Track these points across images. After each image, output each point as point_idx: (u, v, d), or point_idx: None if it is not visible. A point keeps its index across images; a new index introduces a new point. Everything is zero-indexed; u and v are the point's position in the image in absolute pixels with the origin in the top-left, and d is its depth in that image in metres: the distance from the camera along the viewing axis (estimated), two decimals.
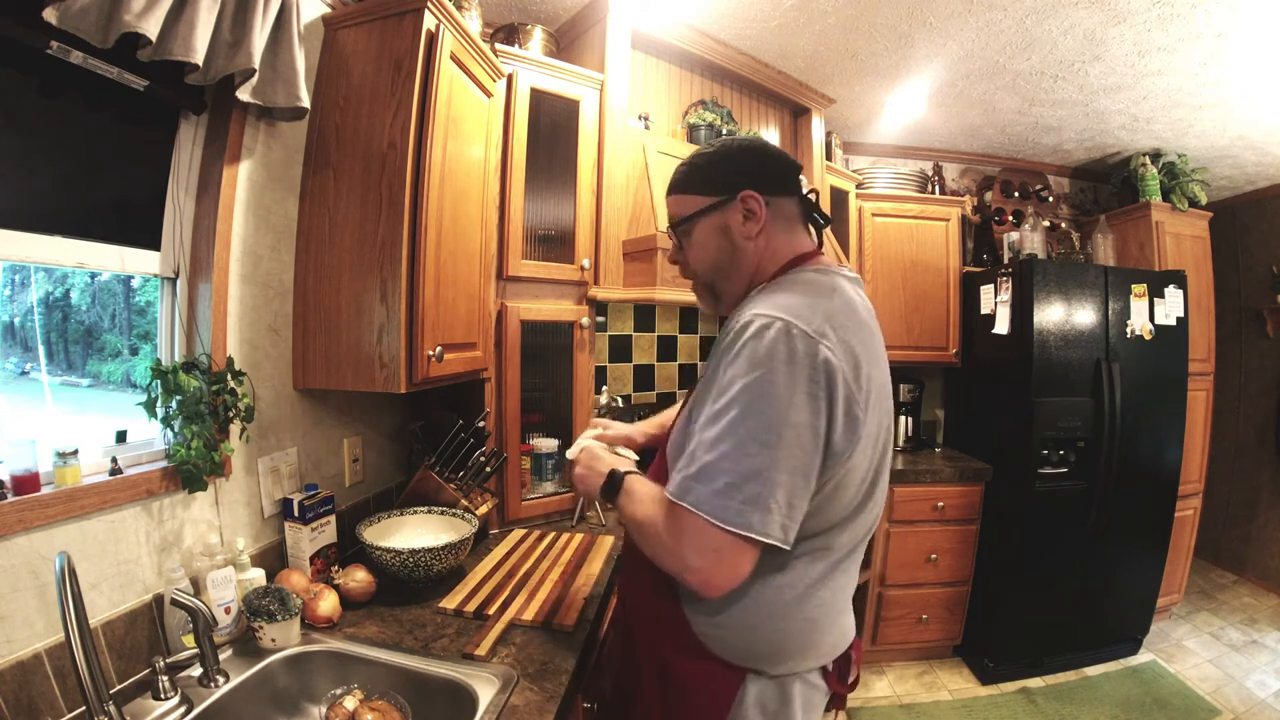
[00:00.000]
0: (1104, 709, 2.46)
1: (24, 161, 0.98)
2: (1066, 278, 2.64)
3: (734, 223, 0.98)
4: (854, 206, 2.97)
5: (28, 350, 1.08)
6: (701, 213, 1.00)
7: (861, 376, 0.85)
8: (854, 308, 0.92)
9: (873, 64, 2.44)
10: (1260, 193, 3.68)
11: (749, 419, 0.79)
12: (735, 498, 0.77)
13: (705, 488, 0.79)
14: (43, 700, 0.87)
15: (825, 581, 0.91)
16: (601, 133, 1.97)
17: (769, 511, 0.78)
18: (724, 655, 0.91)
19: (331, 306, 1.40)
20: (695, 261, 1.03)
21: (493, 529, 1.83)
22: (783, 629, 0.90)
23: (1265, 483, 3.68)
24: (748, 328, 0.83)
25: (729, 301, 1.03)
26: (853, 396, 0.83)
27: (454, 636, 1.22)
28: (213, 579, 1.10)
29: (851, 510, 0.90)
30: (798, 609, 0.89)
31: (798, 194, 1.02)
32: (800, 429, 0.79)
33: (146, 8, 0.92)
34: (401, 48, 1.35)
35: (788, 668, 0.92)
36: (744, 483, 0.78)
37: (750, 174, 0.99)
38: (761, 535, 0.78)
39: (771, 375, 0.79)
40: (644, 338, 2.59)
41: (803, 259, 1.00)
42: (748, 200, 0.97)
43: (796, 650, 0.92)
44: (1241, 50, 2.19)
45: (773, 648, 0.91)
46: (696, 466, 0.81)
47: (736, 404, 0.80)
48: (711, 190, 0.99)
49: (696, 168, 1.02)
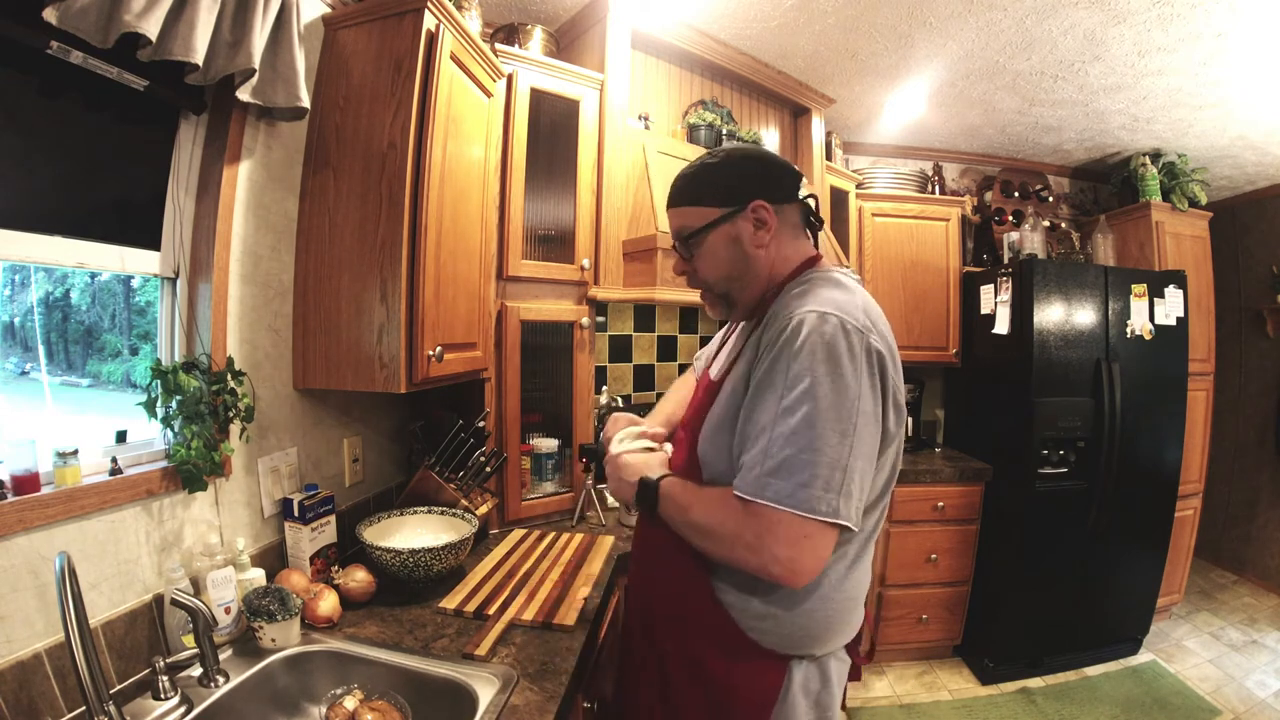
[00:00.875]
0: (1104, 709, 2.46)
1: (24, 161, 0.98)
2: (1066, 278, 2.64)
3: (745, 233, 0.99)
4: (854, 206, 2.97)
5: (28, 350, 1.08)
6: (713, 224, 1.00)
7: (898, 365, 0.91)
8: (873, 303, 0.96)
9: (873, 64, 2.44)
10: (1260, 193, 3.68)
11: (827, 411, 0.80)
12: (821, 487, 0.79)
13: (787, 482, 0.80)
14: (43, 700, 0.87)
15: (860, 560, 0.96)
16: (601, 133, 1.98)
17: (850, 497, 0.81)
18: (774, 646, 0.93)
19: (331, 306, 1.40)
20: (707, 272, 1.03)
21: (493, 529, 1.83)
22: (832, 610, 0.93)
23: (1265, 483, 3.68)
24: (803, 324, 0.84)
25: (744, 309, 1.05)
26: (898, 385, 0.89)
27: (454, 636, 1.22)
28: (213, 579, 1.10)
29: (881, 491, 0.94)
30: (841, 589, 0.94)
31: (799, 200, 1.03)
32: (868, 417, 0.83)
33: (146, 8, 0.92)
34: (401, 48, 1.35)
35: (832, 646, 0.96)
36: (830, 473, 0.80)
37: (759, 182, 1.00)
38: (846, 520, 0.81)
39: (839, 368, 0.82)
40: (644, 338, 2.60)
41: (812, 262, 1.03)
42: (759, 210, 0.98)
43: (841, 628, 0.96)
44: (1241, 50, 2.19)
45: (823, 629, 0.94)
46: (775, 461, 0.82)
47: (810, 398, 0.81)
48: (720, 201, 0.99)
49: (701, 179, 1.02)
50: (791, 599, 0.92)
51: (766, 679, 0.93)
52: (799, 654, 0.94)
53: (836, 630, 0.95)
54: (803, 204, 1.04)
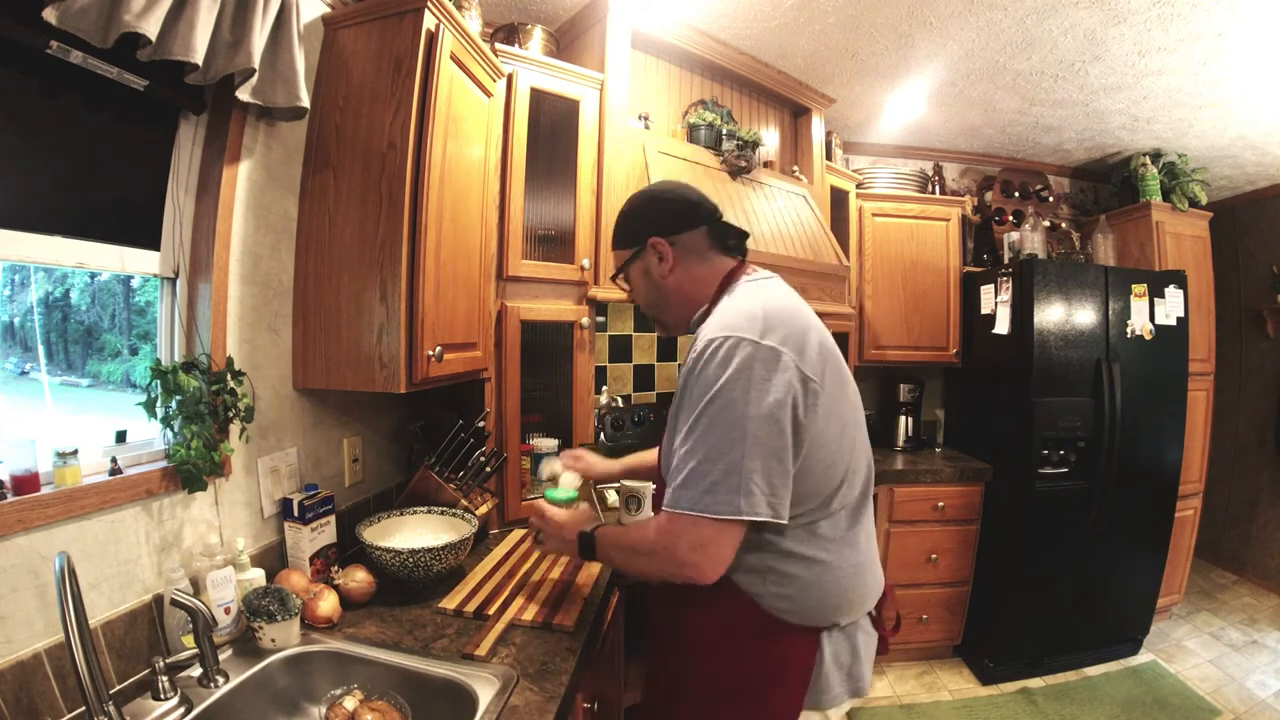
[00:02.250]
0: (1104, 709, 2.46)
1: (24, 161, 0.98)
2: (1067, 278, 2.64)
3: (651, 266, 1.15)
4: (854, 206, 2.97)
5: (28, 350, 1.08)
6: (626, 264, 1.19)
7: (809, 347, 0.98)
8: (785, 296, 1.08)
9: (873, 64, 2.44)
10: (1260, 193, 3.68)
11: (717, 425, 0.92)
12: (720, 492, 0.90)
13: (692, 490, 0.92)
14: (43, 700, 0.87)
15: (852, 532, 1.06)
16: (601, 133, 1.97)
17: (751, 494, 0.90)
18: (802, 621, 1.02)
19: (331, 306, 1.40)
20: (637, 300, 1.23)
21: (493, 529, 1.83)
22: (841, 580, 1.03)
23: (1265, 483, 3.68)
24: (705, 350, 0.96)
25: (675, 327, 1.21)
26: (802, 370, 0.96)
27: (454, 637, 1.22)
28: (212, 579, 1.10)
29: (847, 463, 1.03)
30: (843, 559, 1.03)
31: (701, 224, 1.14)
32: (760, 420, 0.91)
33: (146, 8, 0.92)
34: (401, 47, 1.35)
35: (853, 615, 1.06)
36: (725, 476, 0.90)
37: (651, 222, 1.15)
38: (750, 515, 0.90)
39: (730, 384, 0.92)
40: (644, 338, 2.59)
41: (731, 276, 1.13)
42: (656, 245, 1.13)
43: (855, 597, 1.05)
44: (1241, 50, 2.19)
45: (838, 599, 1.03)
46: (681, 476, 0.94)
47: (705, 415, 0.93)
48: (628, 243, 1.18)
49: (617, 225, 1.21)
50: (799, 580, 1.01)
51: (802, 652, 1.03)
52: (826, 625, 1.04)
53: (852, 599, 1.05)
54: (709, 227, 1.14)
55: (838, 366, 1.04)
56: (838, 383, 1.02)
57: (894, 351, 3.04)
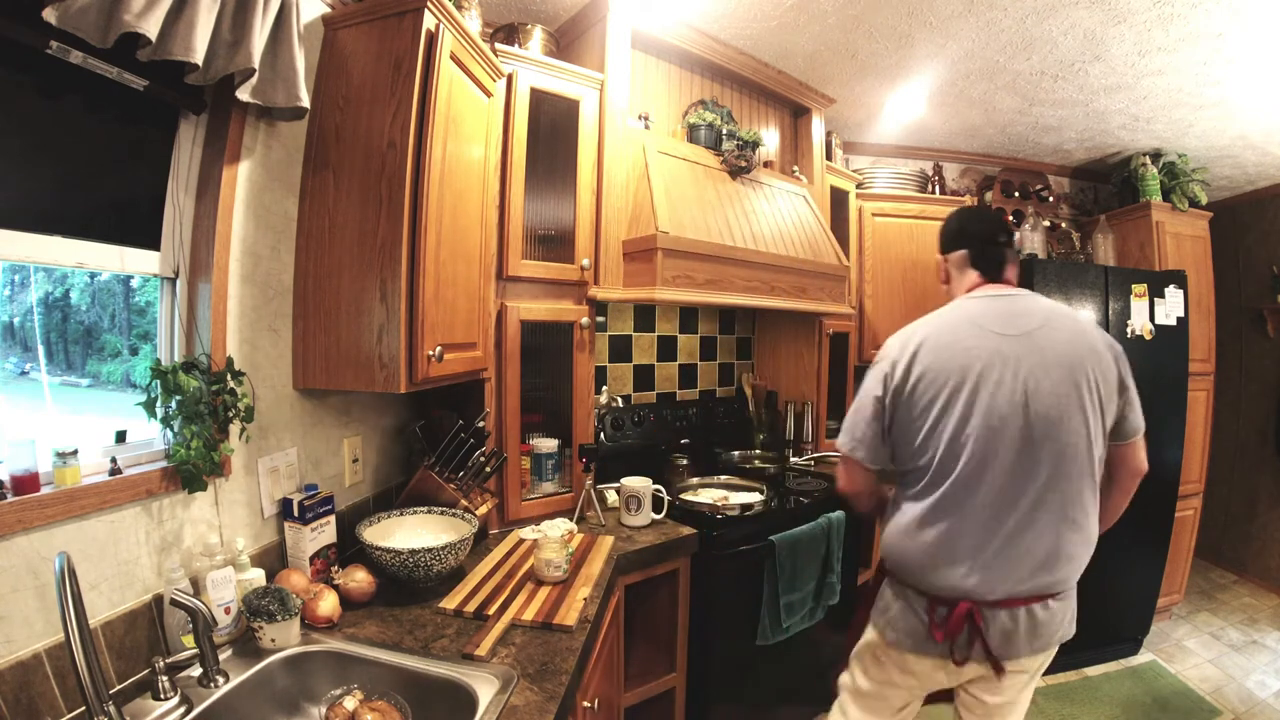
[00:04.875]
0: (1104, 709, 2.46)
1: (24, 161, 0.98)
2: (1067, 278, 2.64)
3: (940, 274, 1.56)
4: (854, 206, 2.96)
5: (27, 350, 1.08)
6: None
7: (914, 367, 1.32)
8: (953, 319, 1.37)
9: (873, 64, 2.44)
10: (1260, 193, 3.68)
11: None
12: (840, 434, 1.45)
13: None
14: (42, 700, 0.87)
15: (924, 524, 1.30)
16: (601, 132, 1.97)
17: (849, 438, 1.42)
18: (887, 565, 1.41)
19: (331, 306, 1.40)
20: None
21: (493, 529, 1.83)
22: (904, 552, 1.34)
23: (1265, 483, 3.68)
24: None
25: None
26: (897, 379, 1.33)
27: (454, 637, 1.22)
28: (212, 579, 1.10)
29: (926, 461, 1.31)
30: (912, 539, 1.32)
31: (965, 246, 1.46)
32: (865, 396, 1.40)
33: (146, 7, 0.92)
34: (401, 47, 1.35)
35: (909, 581, 1.35)
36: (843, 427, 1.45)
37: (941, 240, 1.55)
38: (845, 450, 1.43)
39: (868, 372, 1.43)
40: (644, 338, 2.59)
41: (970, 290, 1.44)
42: (939, 260, 1.55)
43: (912, 571, 1.33)
44: (1241, 50, 2.19)
45: (898, 564, 1.37)
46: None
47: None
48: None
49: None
50: (884, 540, 1.41)
51: (877, 584, 1.47)
52: (894, 576, 1.39)
53: (909, 571, 1.34)
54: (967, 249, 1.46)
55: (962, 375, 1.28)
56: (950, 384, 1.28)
57: None
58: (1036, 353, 1.26)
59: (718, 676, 1.92)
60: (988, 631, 1.25)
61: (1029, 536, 1.23)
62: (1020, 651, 1.26)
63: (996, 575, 1.23)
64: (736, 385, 2.98)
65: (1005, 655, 1.26)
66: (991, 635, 1.25)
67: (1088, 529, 1.29)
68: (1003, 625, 1.25)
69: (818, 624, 2.15)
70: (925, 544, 1.28)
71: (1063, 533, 1.24)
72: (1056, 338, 1.28)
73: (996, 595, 1.24)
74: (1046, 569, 1.24)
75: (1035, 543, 1.23)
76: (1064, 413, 1.23)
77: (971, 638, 1.26)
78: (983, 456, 1.23)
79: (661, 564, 1.79)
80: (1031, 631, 1.25)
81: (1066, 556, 1.25)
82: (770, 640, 1.96)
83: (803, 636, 2.09)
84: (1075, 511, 1.25)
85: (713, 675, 1.91)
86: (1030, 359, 1.25)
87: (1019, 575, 1.23)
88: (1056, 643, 1.30)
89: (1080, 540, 1.27)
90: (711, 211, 2.13)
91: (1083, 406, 1.25)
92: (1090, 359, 1.27)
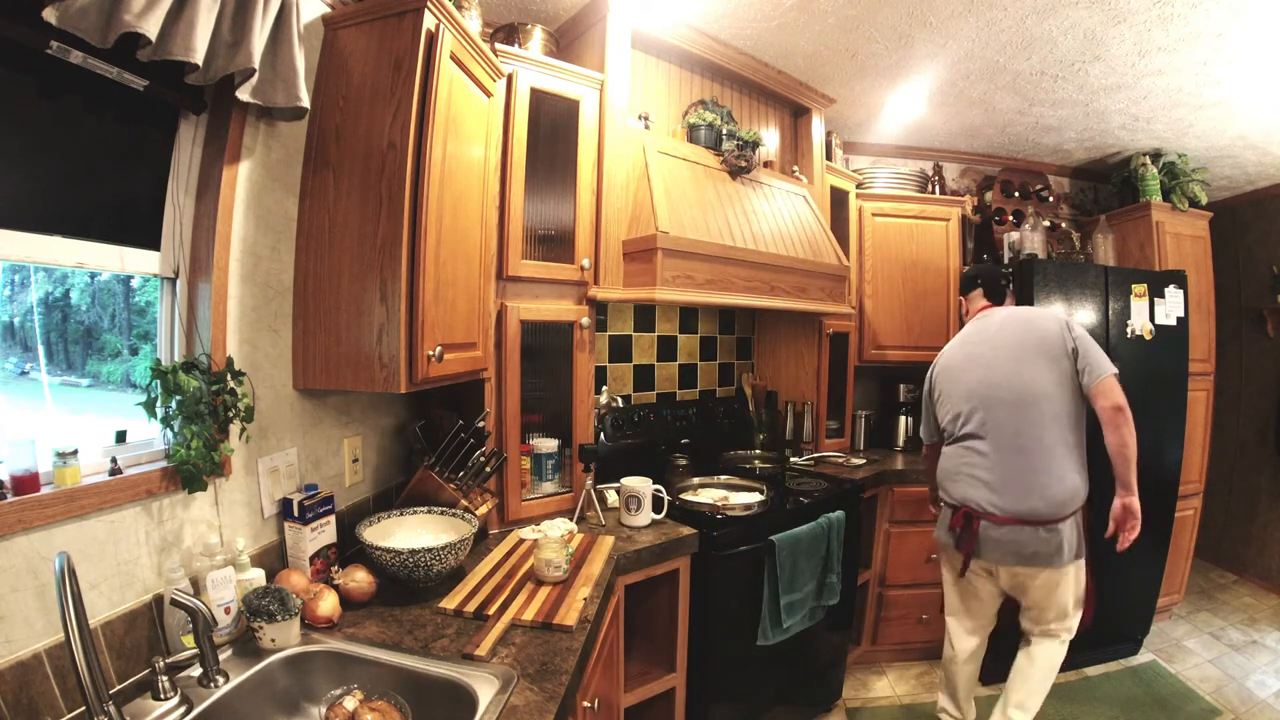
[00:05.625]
0: (1104, 709, 2.46)
1: (24, 161, 0.98)
2: (1067, 278, 2.64)
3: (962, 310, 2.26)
4: (854, 206, 2.96)
5: (28, 350, 1.08)
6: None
7: (943, 375, 2.10)
8: (978, 332, 2.07)
9: (873, 64, 2.44)
10: (1260, 193, 3.68)
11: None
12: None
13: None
14: (42, 700, 0.87)
15: (948, 455, 2.04)
16: (601, 133, 1.97)
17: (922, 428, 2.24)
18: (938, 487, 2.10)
19: (331, 306, 1.40)
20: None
21: (492, 529, 1.83)
22: (940, 467, 2.07)
23: (1265, 483, 3.68)
24: None
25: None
26: (932, 386, 2.15)
27: (454, 637, 1.22)
28: (212, 579, 1.10)
29: (946, 426, 2.06)
30: (943, 462, 2.06)
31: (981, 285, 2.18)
32: (924, 398, 2.20)
33: (146, 7, 0.92)
34: (401, 47, 1.35)
35: (943, 494, 2.05)
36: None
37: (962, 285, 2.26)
38: (924, 438, 2.23)
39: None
40: (644, 338, 2.59)
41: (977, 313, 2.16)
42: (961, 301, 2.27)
43: (941, 484, 2.05)
44: (1241, 50, 2.19)
45: (938, 480, 2.07)
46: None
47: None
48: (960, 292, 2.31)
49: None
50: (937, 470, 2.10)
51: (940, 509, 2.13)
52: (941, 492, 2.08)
53: (939, 484, 2.07)
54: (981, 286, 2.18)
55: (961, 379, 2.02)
56: (947, 390, 2.06)
57: (894, 351, 3.04)
58: (991, 348, 1.99)
59: (718, 676, 1.92)
60: (981, 535, 1.89)
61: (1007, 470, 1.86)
62: (1008, 559, 1.87)
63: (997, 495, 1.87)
64: (736, 385, 2.98)
65: (983, 556, 1.92)
66: (985, 539, 1.89)
67: (1056, 467, 1.83)
68: (991, 534, 1.87)
69: (818, 624, 2.15)
70: (950, 464, 2.02)
71: (1035, 468, 1.83)
72: (1006, 335, 1.98)
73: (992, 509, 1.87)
74: (1030, 497, 1.82)
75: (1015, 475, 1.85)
76: (1020, 382, 1.88)
77: (969, 537, 1.91)
78: (968, 418, 1.97)
79: (661, 564, 1.79)
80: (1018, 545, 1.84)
81: (1043, 485, 1.81)
82: (770, 640, 1.96)
83: (803, 636, 2.09)
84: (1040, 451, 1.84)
85: (713, 675, 1.91)
86: (989, 353, 1.98)
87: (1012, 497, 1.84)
88: (1040, 564, 1.84)
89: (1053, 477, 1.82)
90: (711, 211, 2.13)
91: (1032, 374, 1.88)
92: (1032, 340, 1.92)
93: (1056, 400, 1.85)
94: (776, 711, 2.16)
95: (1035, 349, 1.90)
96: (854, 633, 2.67)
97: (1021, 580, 1.91)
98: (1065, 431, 1.85)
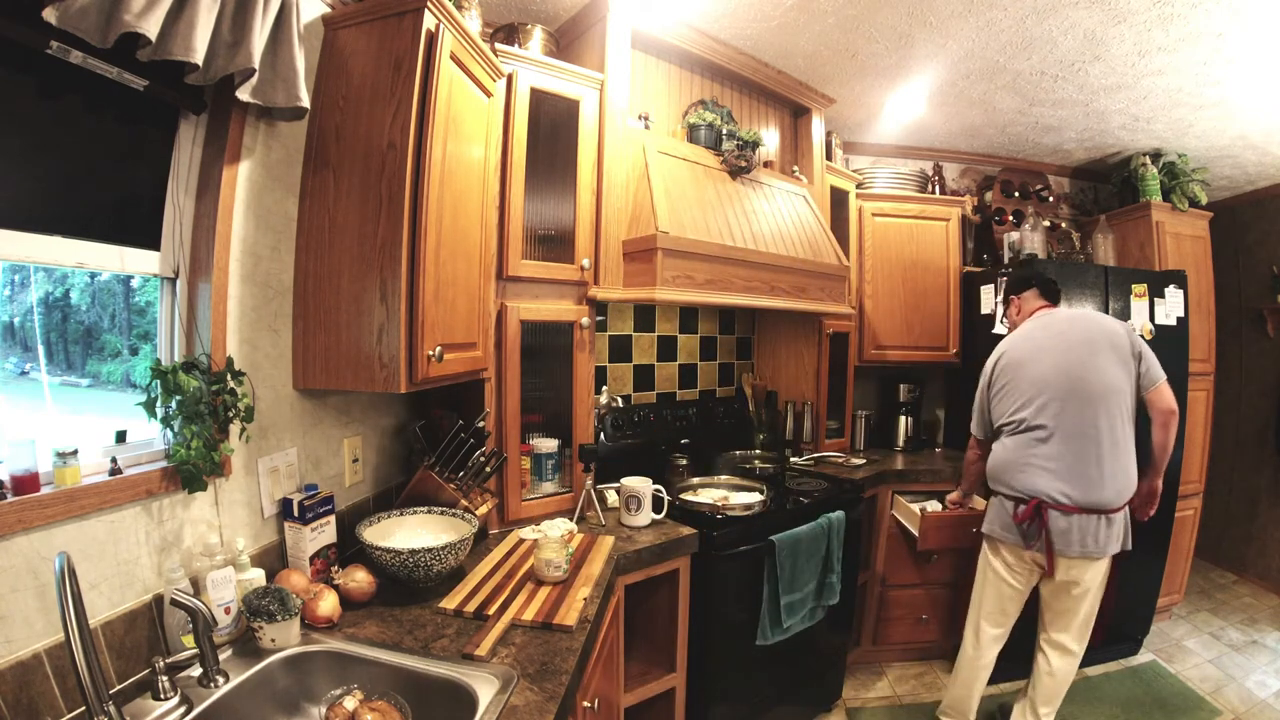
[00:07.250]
0: (1104, 709, 2.46)
1: (24, 161, 0.98)
2: (1067, 278, 2.64)
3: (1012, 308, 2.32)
4: (854, 206, 2.96)
5: (28, 350, 1.08)
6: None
7: (1008, 368, 2.12)
8: (1044, 328, 2.11)
9: (873, 64, 2.44)
10: (1260, 193, 3.68)
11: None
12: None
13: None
14: (42, 700, 0.87)
15: (1008, 447, 2.06)
16: (601, 133, 1.97)
17: (974, 423, 2.27)
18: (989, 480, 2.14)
19: (331, 306, 1.40)
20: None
21: (492, 529, 1.83)
22: (991, 463, 2.12)
23: (1265, 483, 3.68)
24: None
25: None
26: (992, 379, 2.18)
27: (454, 637, 1.22)
28: (212, 579, 1.10)
29: (1009, 418, 2.07)
30: (996, 456, 2.11)
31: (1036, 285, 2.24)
32: (979, 394, 2.23)
33: (146, 7, 0.92)
34: (401, 47, 1.35)
35: (994, 485, 2.10)
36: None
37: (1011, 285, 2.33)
38: (973, 433, 2.28)
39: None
40: (644, 338, 2.60)
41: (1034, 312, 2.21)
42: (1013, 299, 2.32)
43: (999, 478, 2.08)
44: (1241, 50, 2.19)
45: (993, 473, 2.10)
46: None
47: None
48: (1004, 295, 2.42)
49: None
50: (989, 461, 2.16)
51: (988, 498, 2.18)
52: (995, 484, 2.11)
53: (999, 478, 2.07)
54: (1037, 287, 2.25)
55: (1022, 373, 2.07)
56: (1013, 381, 2.08)
57: (894, 351, 3.04)
58: (1065, 342, 2.03)
59: (718, 676, 1.92)
60: (1050, 526, 1.92)
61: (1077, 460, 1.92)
62: (1071, 550, 1.91)
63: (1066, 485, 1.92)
64: (736, 385, 2.98)
65: (1060, 549, 1.92)
66: (1052, 530, 1.92)
67: (1121, 458, 1.94)
68: (1059, 525, 1.91)
69: (818, 624, 2.15)
70: (1005, 455, 2.06)
71: (1102, 458, 1.91)
72: (1078, 331, 2.04)
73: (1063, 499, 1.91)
74: (1098, 487, 1.90)
75: (1084, 465, 1.91)
76: (1096, 374, 1.95)
77: (1039, 529, 1.92)
78: (1040, 408, 1.98)
79: (661, 564, 1.79)
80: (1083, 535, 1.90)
81: (1110, 475, 1.91)
82: (770, 640, 1.96)
83: (803, 636, 2.09)
84: (1108, 442, 1.92)
85: (713, 675, 1.91)
86: (1061, 345, 2.03)
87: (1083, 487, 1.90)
88: (1106, 553, 1.94)
89: (1119, 468, 1.92)
90: (711, 211, 2.13)
91: (1107, 368, 1.96)
92: (1104, 338, 2.00)
93: (1125, 395, 1.96)
94: (776, 711, 2.16)
95: (1109, 346, 1.98)
96: (854, 633, 2.67)
97: (1076, 574, 1.95)
98: (1128, 425, 1.97)
